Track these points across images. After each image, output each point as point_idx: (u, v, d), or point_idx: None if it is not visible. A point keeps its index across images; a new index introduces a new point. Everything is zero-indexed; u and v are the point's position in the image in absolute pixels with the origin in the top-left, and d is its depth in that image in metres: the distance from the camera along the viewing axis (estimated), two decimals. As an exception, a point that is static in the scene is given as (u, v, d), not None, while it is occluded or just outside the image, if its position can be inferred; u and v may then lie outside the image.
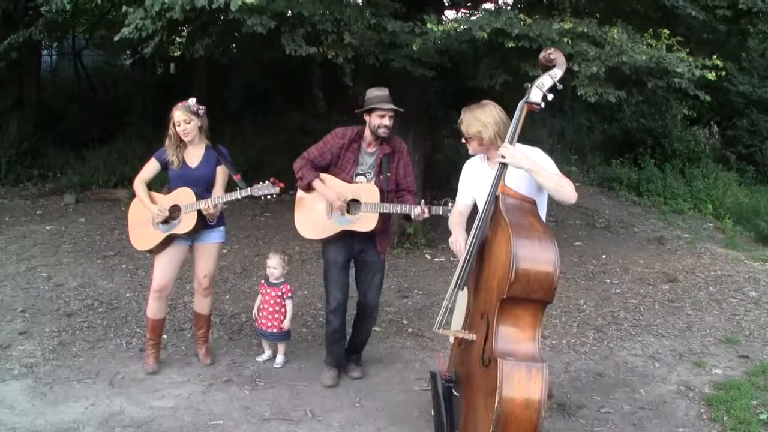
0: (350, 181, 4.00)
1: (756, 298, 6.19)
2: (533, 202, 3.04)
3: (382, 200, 3.91)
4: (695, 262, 7.42)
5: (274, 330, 4.34)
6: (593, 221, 9.13)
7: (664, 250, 7.95)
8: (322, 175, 4.03)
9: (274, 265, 4.36)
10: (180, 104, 4.08)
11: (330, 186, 3.99)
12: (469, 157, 3.49)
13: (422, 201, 3.83)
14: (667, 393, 4.21)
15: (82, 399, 3.81)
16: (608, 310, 5.72)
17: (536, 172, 3.01)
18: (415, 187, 4.16)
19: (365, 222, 3.92)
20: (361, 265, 4.12)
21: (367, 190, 3.94)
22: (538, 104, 3.06)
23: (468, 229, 3.30)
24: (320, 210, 4.02)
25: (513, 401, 2.66)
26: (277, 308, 4.33)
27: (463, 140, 3.35)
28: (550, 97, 3.07)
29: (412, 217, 3.81)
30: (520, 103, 3.11)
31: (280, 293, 4.33)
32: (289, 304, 4.36)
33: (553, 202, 3.22)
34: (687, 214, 10.30)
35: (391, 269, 6.62)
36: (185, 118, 4.03)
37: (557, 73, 3.07)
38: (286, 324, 4.35)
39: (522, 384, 2.67)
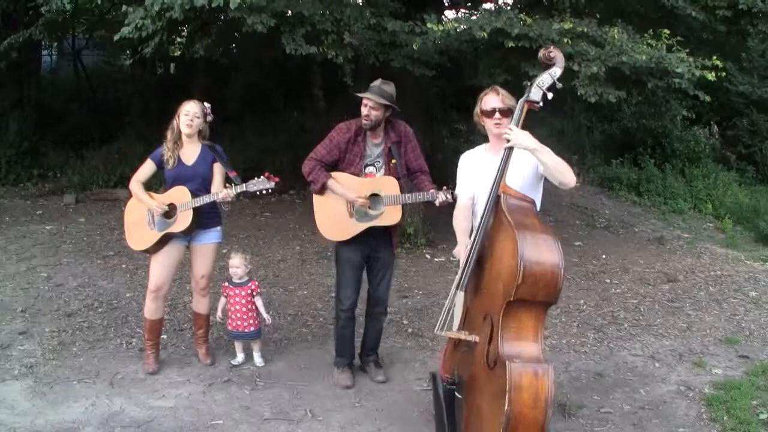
0: (360, 173, 3.95)
1: (756, 298, 6.18)
2: (533, 202, 3.06)
3: (401, 190, 3.87)
4: (695, 262, 7.42)
5: (252, 329, 4.31)
6: (593, 221, 9.13)
7: (664, 250, 7.96)
8: (334, 174, 3.96)
9: (236, 265, 4.32)
10: (193, 100, 4.14)
11: (345, 184, 3.93)
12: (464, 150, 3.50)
13: (444, 187, 3.68)
14: (667, 393, 4.21)
15: (82, 399, 3.81)
16: (608, 310, 5.72)
17: (540, 152, 3.03)
18: (426, 167, 4.08)
19: (390, 216, 3.86)
20: (374, 260, 4.10)
21: (385, 182, 3.89)
22: (538, 102, 3.05)
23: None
24: (341, 210, 3.94)
25: (522, 402, 2.66)
26: (249, 306, 4.30)
27: (497, 115, 3.28)
28: (549, 95, 3.06)
29: (437, 204, 3.68)
30: (520, 102, 3.11)
31: (249, 291, 4.31)
32: (258, 300, 4.35)
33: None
34: (687, 214, 10.30)
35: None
36: (196, 112, 4.07)
37: (557, 71, 3.06)
38: (267, 319, 4.37)
39: (530, 386, 2.68)
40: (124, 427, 3.56)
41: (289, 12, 5.49)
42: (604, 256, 7.44)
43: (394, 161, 3.94)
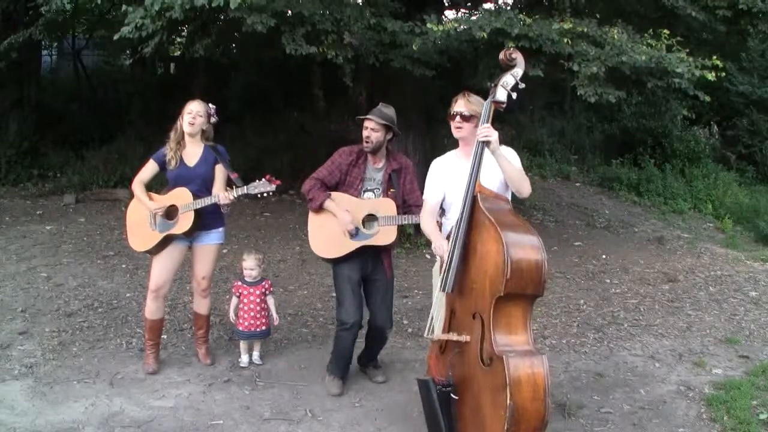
0: (359, 196, 3.99)
1: (756, 298, 6.18)
2: (507, 200, 3.18)
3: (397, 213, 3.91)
4: (695, 262, 7.42)
5: (264, 327, 4.34)
6: (593, 221, 9.13)
7: (664, 250, 7.96)
8: (333, 194, 3.99)
9: (251, 266, 4.35)
10: (198, 100, 4.17)
11: (343, 205, 3.95)
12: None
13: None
14: (667, 393, 4.21)
15: (82, 399, 3.81)
16: (608, 310, 5.72)
17: (503, 158, 3.16)
18: (422, 201, 4.11)
19: (385, 236, 3.90)
20: (371, 283, 4.08)
21: (383, 204, 3.94)
22: (504, 103, 3.18)
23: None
24: (336, 228, 3.95)
25: (522, 395, 2.73)
26: (262, 306, 4.33)
27: (458, 119, 3.36)
28: (514, 95, 3.18)
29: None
30: (487, 102, 3.21)
31: (262, 290, 4.34)
32: (271, 299, 4.39)
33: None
34: (687, 214, 10.31)
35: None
36: (199, 111, 4.10)
37: (519, 72, 3.18)
38: (276, 318, 4.40)
39: (528, 377, 2.75)
40: (124, 427, 3.56)
41: (289, 12, 5.49)
42: (604, 256, 7.44)
43: (392, 190, 4.00)
